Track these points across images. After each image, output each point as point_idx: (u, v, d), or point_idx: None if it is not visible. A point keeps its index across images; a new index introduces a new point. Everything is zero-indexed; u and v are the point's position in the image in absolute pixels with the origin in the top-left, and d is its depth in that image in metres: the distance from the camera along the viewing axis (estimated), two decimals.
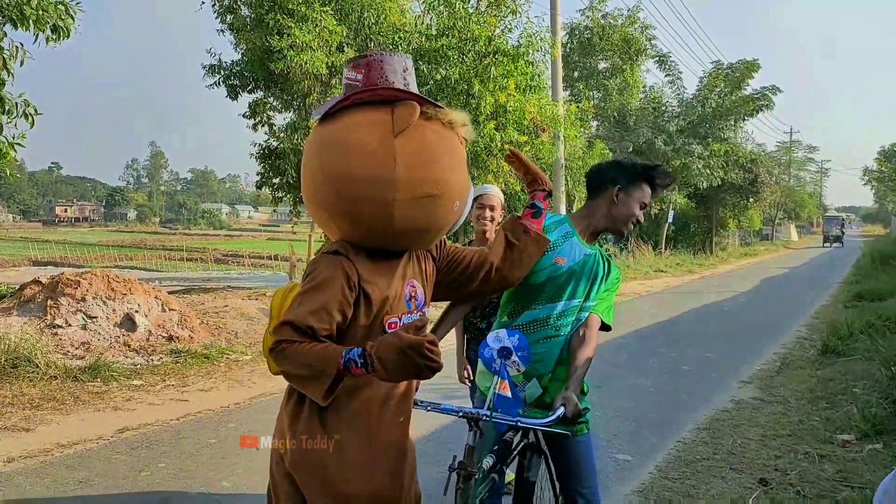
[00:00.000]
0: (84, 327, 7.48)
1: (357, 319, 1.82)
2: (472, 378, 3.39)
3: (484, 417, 2.02)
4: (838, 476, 4.10)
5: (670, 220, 25.82)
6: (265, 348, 1.83)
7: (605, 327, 2.45)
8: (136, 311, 7.87)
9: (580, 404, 2.13)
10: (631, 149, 22.82)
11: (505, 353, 2.13)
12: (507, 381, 2.08)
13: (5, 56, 6.46)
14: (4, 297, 8.30)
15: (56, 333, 7.25)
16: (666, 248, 26.48)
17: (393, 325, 1.85)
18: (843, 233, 44.44)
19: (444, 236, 2.09)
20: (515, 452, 2.34)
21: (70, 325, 7.44)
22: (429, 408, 2.10)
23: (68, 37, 6.54)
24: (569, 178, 16.37)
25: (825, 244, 43.12)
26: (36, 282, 8.20)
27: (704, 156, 23.56)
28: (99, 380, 6.22)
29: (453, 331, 3.55)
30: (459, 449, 2.04)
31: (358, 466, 1.82)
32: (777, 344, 8.64)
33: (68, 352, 6.99)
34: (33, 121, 6.65)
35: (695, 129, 24.30)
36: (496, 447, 2.18)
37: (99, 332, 7.48)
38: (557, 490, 2.49)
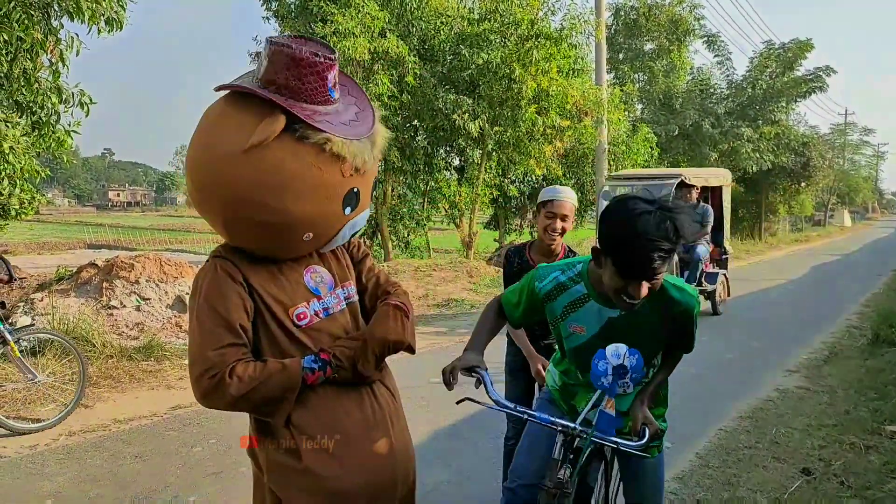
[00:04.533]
0: (138, 308, 7.77)
1: (262, 317, 1.73)
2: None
3: (582, 434, 1.93)
4: (885, 468, 4.02)
5: None
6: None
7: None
8: (187, 294, 8.13)
9: (655, 423, 2.01)
10: (677, 132, 22.38)
11: (621, 371, 1.97)
12: (613, 399, 2.00)
13: (62, 47, 6.72)
14: (63, 279, 8.66)
15: (111, 314, 7.55)
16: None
17: (302, 316, 1.76)
18: (694, 247, 8.57)
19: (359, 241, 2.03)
20: (583, 459, 2.15)
21: (125, 306, 7.74)
22: (525, 416, 1.98)
23: (121, 28, 6.76)
24: (612, 164, 16.17)
25: None
26: (92, 265, 8.53)
27: (754, 139, 22.95)
28: (152, 359, 6.48)
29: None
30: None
31: (339, 460, 1.74)
32: (826, 332, 8.44)
33: (123, 332, 7.29)
34: (88, 109, 6.91)
35: (744, 111, 23.69)
36: (571, 456, 2.04)
37: (152, 314, 7.76)
38: (610, 496, 2.44)
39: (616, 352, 1.96)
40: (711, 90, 24.96)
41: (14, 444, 4.43)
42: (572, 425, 1.94)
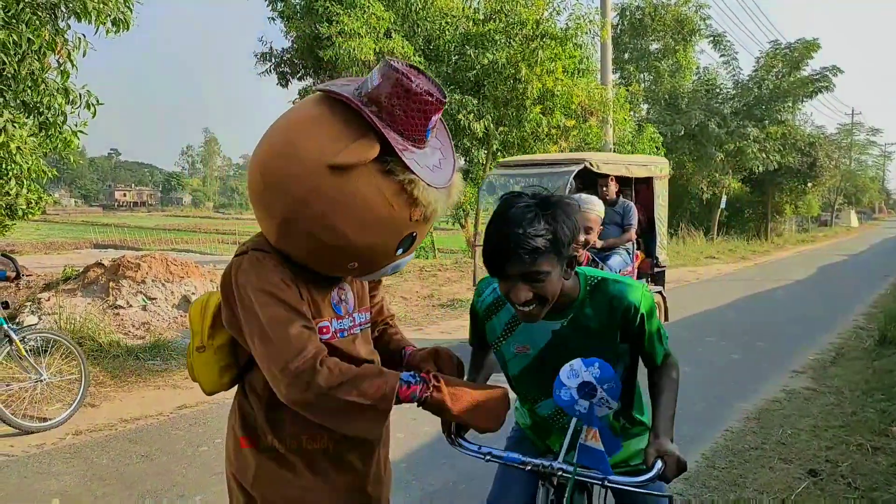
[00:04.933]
0: (144, 308, 7.80)
1: None
2: None
3: (562, 473, 1.66)
4: (893, 469, 4.00)
5: (723, 205, 25.23)
6: (198, 366, 1.72)
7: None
8: (193, 293, 8.16)
9: (675, 453, 1.61)
10: (683, 132, 22.34)
11: (588, 390, 1.64)
12: (595, 429, 1.65)
13: (69, 48, 6.74)
14: (69, 278, 8.69)
15: (118, 314, 7.58)
16: (718, 234, 25.91)
17: (324, 330, 1.67)
18: (609, 257, 6.41)
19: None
20: (569, 495, 1.75)
21: (131, 306, 7.77)
22: (487, 458, 1.76)
23: (128, 29, 6.78)
24: None
25: None
26: (98, 264, 8.57)
27: (760, 139, 22.89)
28: (158, 359, 6.50)
29: None
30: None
31: (329, 476, 1.69)
32: (832, 334, 8.41)
33: (129, 332, 7.31)
34: (95, 111, 6.94)
35: (750, 111, 23.63)
36: (553, 499, 1.78)
37: (158, 313, 7.79)
38: None
39: (571, 371, 1.64)
40: (717, 90, 24.91)
41: (21, 443, 4.46)
42: (548, 463, 1.68)
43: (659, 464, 1.58)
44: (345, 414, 1.52)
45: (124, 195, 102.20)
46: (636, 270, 7.07)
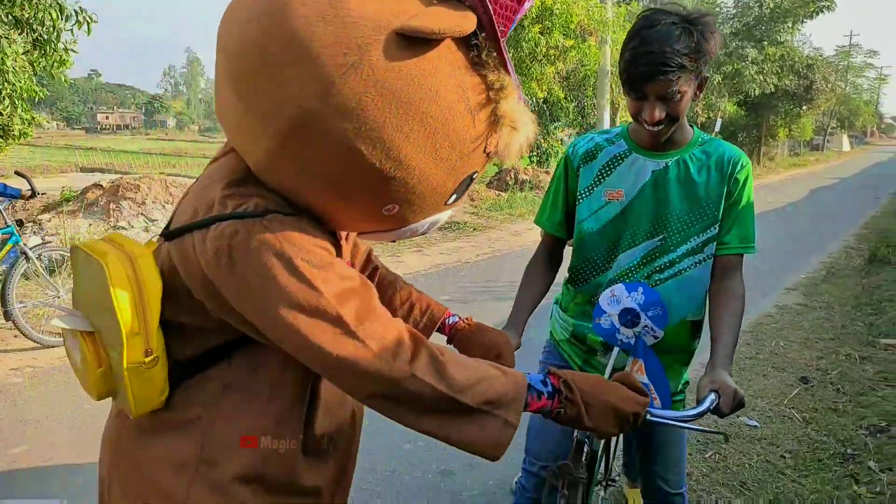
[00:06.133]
0: (146, 230, 7.85)
1: None
2: None
3: None
4: (878, 376, 4.23)
5: (717, 128, 25.10)
6: (140, 386, 1.07)
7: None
8: None
9: (732, 385, 1.41)
10: None
11: (630, 317, 1.53)
12: (641, 361, 1.50)
13: None
14: (68, 200, 8.69)
15: None
16: None
17: None
18: None
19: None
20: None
21: (133, 227, 7.82)
22: None
23: None
24: (614, 86, 15.95)
25: None
26: (97, 185, 8.56)
27: (758, 60, 22.58)
28: None
29: None
30: None
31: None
32: (824, 254, 8.62)
33: None
34: (90, 28, 6.76)
35: (750, 31, 23.21)
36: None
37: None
38: (611, 463, 2.16)
39: (612, 297, 1.52)
40: (718, 9, 24.38)
41: (44, 356, 4.60)
42: None
43: (712, 396, 1.38)
44: (472, 421, 1.01)
45: (107, 118, 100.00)
46: None
